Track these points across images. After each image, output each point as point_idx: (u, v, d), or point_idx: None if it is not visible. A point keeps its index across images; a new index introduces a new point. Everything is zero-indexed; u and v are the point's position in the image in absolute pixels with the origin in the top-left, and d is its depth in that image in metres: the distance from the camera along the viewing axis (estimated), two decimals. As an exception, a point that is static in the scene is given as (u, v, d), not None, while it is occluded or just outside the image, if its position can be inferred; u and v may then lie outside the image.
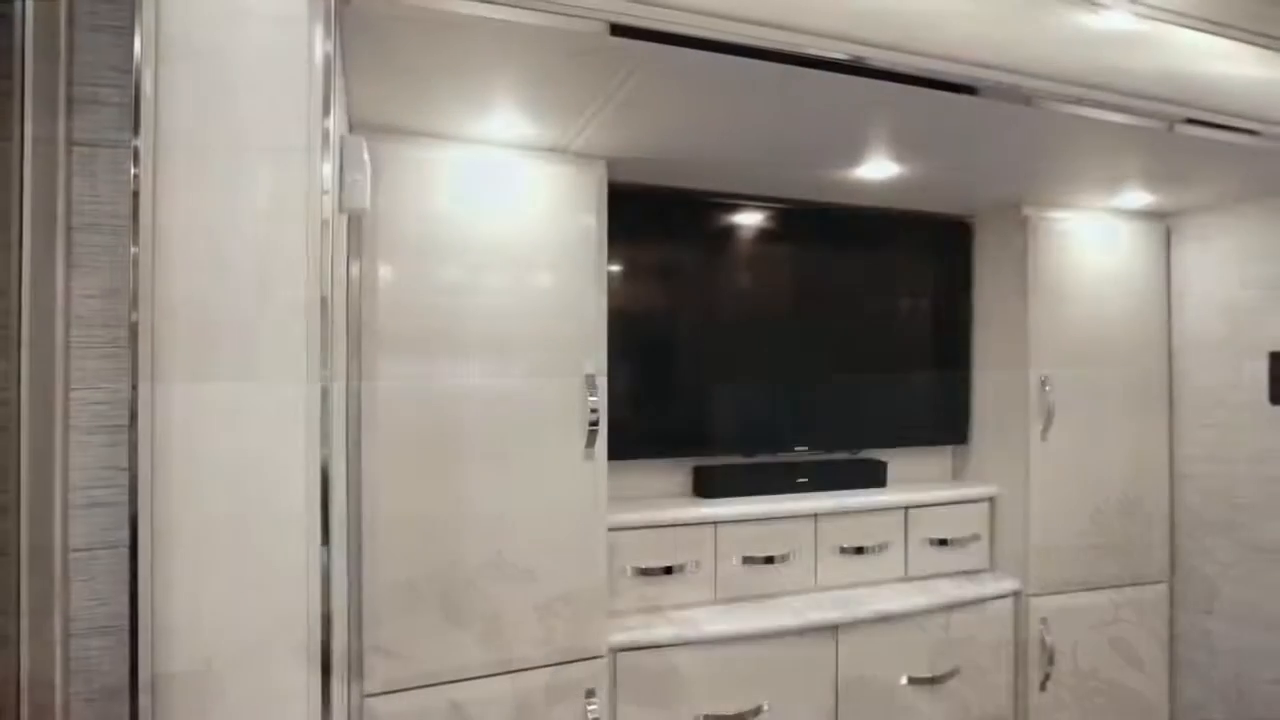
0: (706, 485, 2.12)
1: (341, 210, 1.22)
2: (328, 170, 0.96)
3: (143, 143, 0.87)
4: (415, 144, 1.59)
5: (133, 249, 0.88)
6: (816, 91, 1.36)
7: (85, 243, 0.97)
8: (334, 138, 1.00)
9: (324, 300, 0.95)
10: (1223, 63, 1.49)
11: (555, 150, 1.70)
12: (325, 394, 0.96)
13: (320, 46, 0.95)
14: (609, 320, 1.79)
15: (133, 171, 0.88)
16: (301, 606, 0.93)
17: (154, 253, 0.87)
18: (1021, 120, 1.50)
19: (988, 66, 1.31)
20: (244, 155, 0.90)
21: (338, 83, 1.17)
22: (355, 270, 1.55)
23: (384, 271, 1.57)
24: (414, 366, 1.59)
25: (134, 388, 0.87)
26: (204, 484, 0.89)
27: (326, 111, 0.95)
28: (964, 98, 1.37)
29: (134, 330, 0.87)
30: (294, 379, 0.92)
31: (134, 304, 0.87)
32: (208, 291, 0.89)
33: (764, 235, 2.22)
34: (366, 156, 1.26)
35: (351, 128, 1.52)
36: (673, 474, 2.19)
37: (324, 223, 0.95)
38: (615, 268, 1.98)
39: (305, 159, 0.93)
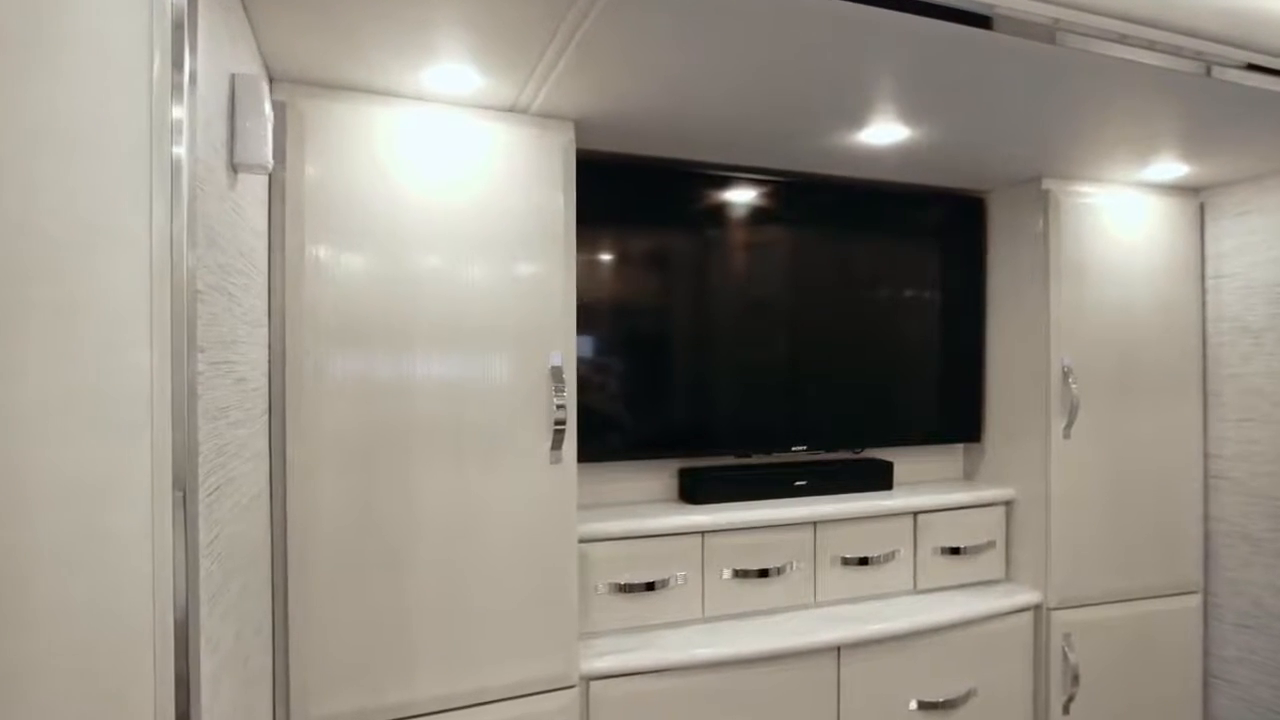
0: (694, 490, 1.92)
1: (236, 168, 1.01)
2: (185, 127, 0.75)
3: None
4: (348, 100, 1.38)
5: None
6: (810, 31, 1.15)
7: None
8: (196, 82, 0.78)
9: (178, 283, 0.74)
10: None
11: (514, 110, 1.49)
12: (184, 389, 0.75)
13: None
14: (581, 306, 1.59)
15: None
16: (147, 666, 0.72)
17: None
18: (1044, 67, 1.29)
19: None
20: (58, 85, 0.69)
21: (227, 20, 0.96)
22: (278, 243, 1.34)
23: (313, 247, 1.36)
24: (349, 358, 1.38)
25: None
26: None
27: (180, 50, 0.74)
28: (978, 36, 1.16)
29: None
30: (135, 371, 0.71)
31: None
32: (6, 261, 0.68)
33: (757, 212, 2.01)
34: (268, 106, 1.05)
35: (272, 81, 1.31)
36: (656, 477, 1.99)
37: (182, 183, 0.74)
38: (588, 247, 1.78)
39: (146, 103, 0.72)
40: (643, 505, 1.92)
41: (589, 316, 1.77)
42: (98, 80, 0.70)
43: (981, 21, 1.13)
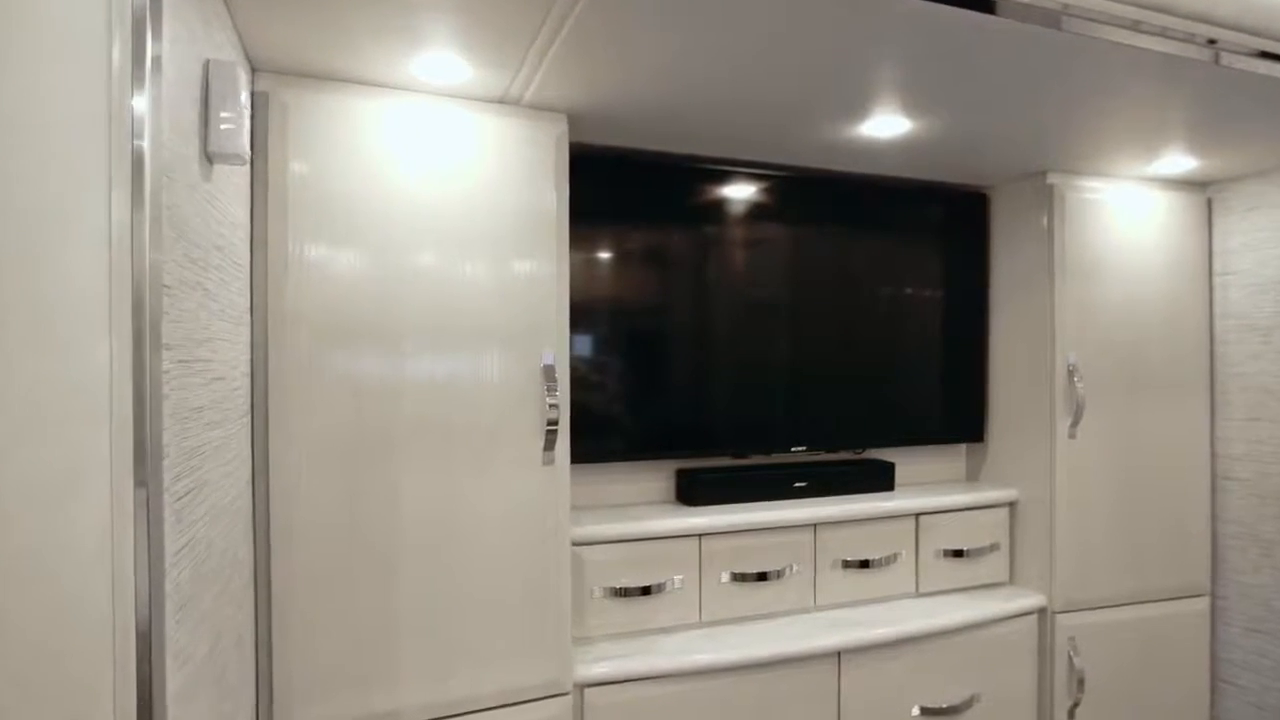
0: (691, 491, 1.88)
1: (211, 158, 0.97)
2: (148, 115, 0.71)
3: None
4: (333, 91, 1.34)
5: None
6: (807, 17, 1.11)
7: None
8: (161, 68, 0.75)
9: (139, 275, 0.70)
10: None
11: (505, 102, 1.45)
12: (145, 387, 0.71)
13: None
14: (575, 304, 1.55)
15: None
16: (106, 680, 0.68)
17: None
18: (1048, 55, 1.25)
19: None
20: (9, 70, 0.65)
21: (200, 3, 0.92)
22: (260, 238, 1.30)
23: (297, 242, 1.32)
24: (335, 357, 1.34)
25: None
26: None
27: (141, 35, 0.70)
28: (981, 21, 1.12)
29: None
30: (92, 367, 0.68)
31: None
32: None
33: (756, 208, 1.97)
34: (244, 93, 1.02)
35: (255, 70, 1.28)
36: (653, 478, 1.95)
37: (144, 173, 0.71)
38: (582, 244, 1.74)
39: (105, 89, 0.68)
40: (639, 507, 1.88)
41: (583, 314, 1.73)
42: (52, 64, 0.66)
43: (984, 5, 1.09)
